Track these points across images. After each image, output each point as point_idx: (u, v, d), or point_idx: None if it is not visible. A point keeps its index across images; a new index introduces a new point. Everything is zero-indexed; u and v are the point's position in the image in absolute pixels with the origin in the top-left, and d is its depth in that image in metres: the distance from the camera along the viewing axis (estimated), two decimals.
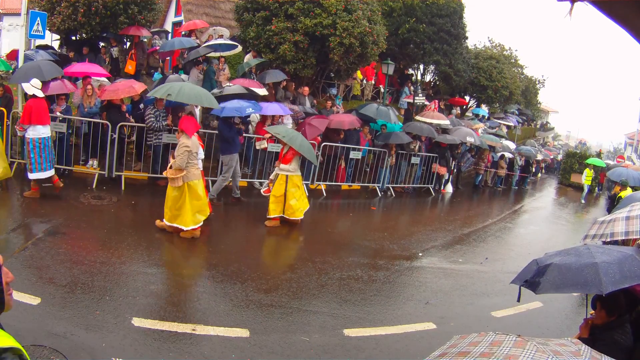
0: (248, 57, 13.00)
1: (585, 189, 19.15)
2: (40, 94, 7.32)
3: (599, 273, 2.78)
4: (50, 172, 7.52)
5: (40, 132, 7.32)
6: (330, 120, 11.45)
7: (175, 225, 6.60)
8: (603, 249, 3.09)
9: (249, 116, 9.52)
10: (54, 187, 7.67)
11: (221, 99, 10.32)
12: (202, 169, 7.34)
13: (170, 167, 6.60)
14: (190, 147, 6.47)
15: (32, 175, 7.36)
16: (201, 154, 7.23)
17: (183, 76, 11.34)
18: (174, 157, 6.76)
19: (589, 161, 20.59)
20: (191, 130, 6.65)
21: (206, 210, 6.90)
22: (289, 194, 7.87)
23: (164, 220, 6.76)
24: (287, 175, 7.85)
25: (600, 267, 2.81)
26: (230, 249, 6.70)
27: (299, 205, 8.02)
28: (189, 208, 6.52)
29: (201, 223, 6.75)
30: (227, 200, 9.30)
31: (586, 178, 19.34)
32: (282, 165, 7.91)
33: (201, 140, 7.64)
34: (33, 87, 7.24)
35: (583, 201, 18.37)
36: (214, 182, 9.39)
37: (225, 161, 8.85)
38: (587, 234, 4.52)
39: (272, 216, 7.90)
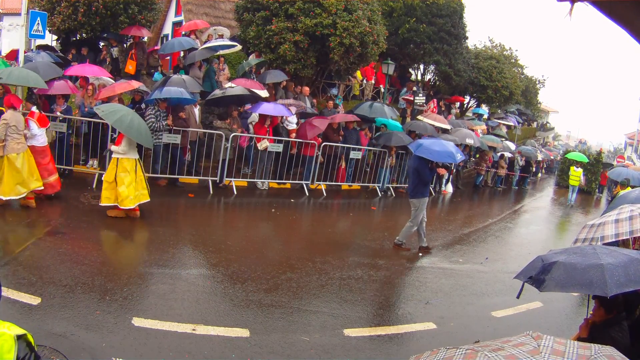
0: (251, 58, 12.99)
1: (572, 190, 16.65)
2: None
3: (605, 275, 2.75)
4: None
5: None
6: (334, 117, 11.48)
7: None
8: (609, 250, 3.07)
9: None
10: None
11: (224, 100, 10.35)
12: (40, 144, 7.27)
13: None
14: (7, 120, 6.61)
15: None
16: (36, 130, 7.17)
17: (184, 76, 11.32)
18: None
19: (569, 156, 18.62)
20: (11, 104, 6.78)
21: (29, 184, 6.79)
22: (119, 180, 6.99)
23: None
24: (117, 159, 7.07)
25: (606, 268, 2.79)
26: (231, 249, 6.70)
27: (128, 193, 7.00)
28: (9, 178, 6.65)
29: (23, 195, 6.79)
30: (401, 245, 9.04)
31: (572, 177, 16.78)
32: (112, 147, 7.15)
33: (45, 120, 7.53)
34: None
35: (571, 203, 16.54)
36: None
37: (415, 205, 7.62)
38: (577, 238, 4.48)
39: (105, 204, 7.07)
